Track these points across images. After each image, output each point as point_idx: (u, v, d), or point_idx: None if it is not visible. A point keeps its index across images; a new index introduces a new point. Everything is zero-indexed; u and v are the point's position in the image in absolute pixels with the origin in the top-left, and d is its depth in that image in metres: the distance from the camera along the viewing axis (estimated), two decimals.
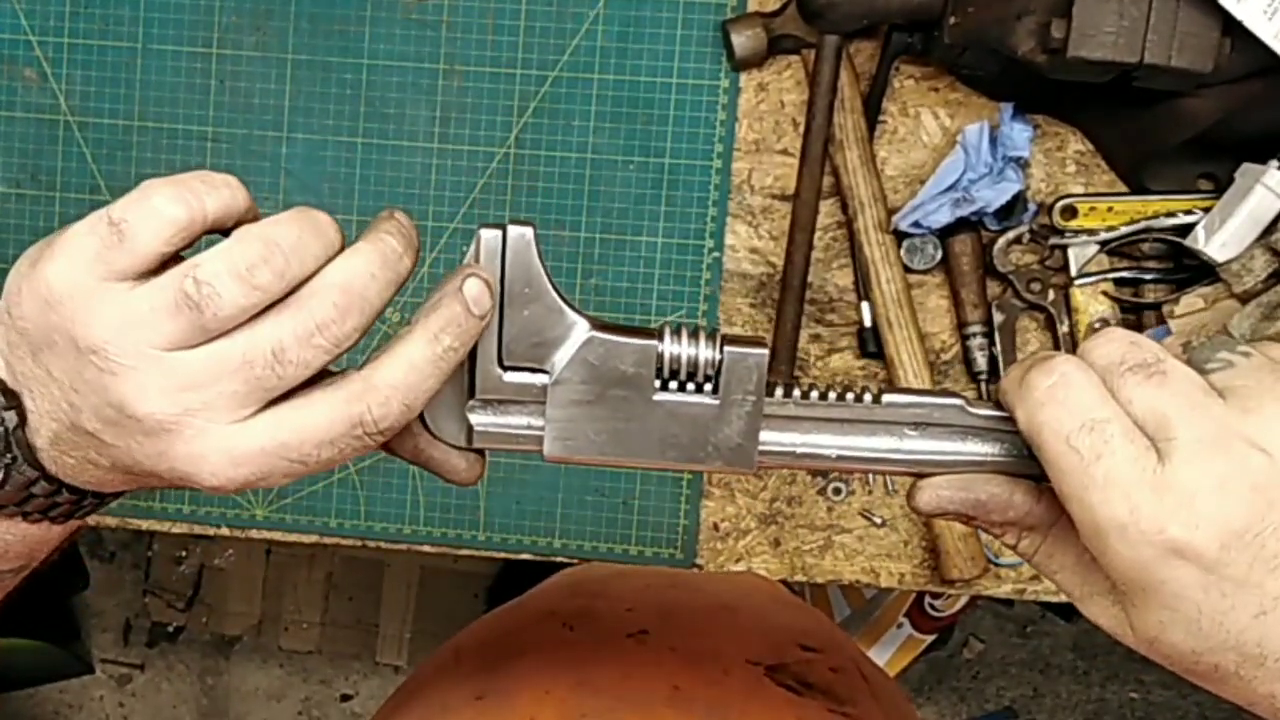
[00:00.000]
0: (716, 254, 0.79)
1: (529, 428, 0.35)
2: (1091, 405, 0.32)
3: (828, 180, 0.76)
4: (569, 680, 0.48)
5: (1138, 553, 0.31)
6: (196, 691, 1.81)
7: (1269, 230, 0.69)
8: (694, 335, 0.35)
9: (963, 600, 1.47)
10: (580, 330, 0.35)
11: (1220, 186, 0.72)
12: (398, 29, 0.79)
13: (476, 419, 0.35)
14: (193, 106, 0.80)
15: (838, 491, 0.80)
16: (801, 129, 0.76)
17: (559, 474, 0.81)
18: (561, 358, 0.35)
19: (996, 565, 0.79)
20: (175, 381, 0.33)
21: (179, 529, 0.84)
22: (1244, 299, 0.70)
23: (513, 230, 0.35)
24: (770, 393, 0.36)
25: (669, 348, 0.35)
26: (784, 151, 0.78)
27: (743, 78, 0.77)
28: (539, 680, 0.48)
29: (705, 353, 0.35)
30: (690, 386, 0.35)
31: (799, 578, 0.81)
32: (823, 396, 0.36)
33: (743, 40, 0.74)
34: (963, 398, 0.36)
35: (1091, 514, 0.31)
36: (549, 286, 0.35)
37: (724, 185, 0.78)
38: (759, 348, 0.35)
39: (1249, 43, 0.61)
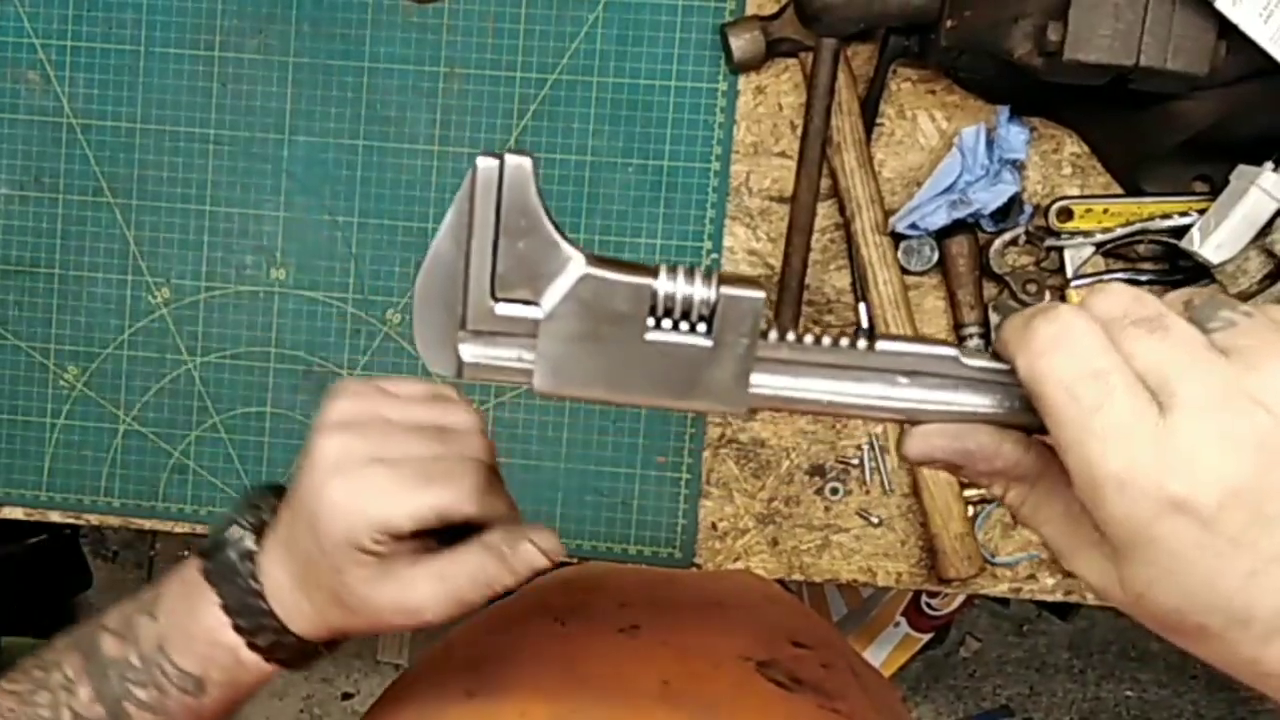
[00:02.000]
0: (715, 256, 0.79)
1: (519, 360, 0.35)
2: (1094, 355, 0.31)
3: (825, 182, 0.77)
4: (559, 675, 0.48)
5: (1135, 507, 0.30)
6: None
7: (1264, 232, 0.69)
8: (690, 275, 0.34)
9: (959, 599, 1.48)
10: (576, 265, 0.34)
11: (1215, 188, 0.73)
12: (398, 32, 0.79)
13: (466, 350, 0.35)
14: (195, 109, 0.81)
15: (835, 491, 0.80)
16: (799, 131, 0.76)
17: (559, 474, 0.82)
18: (555, 292, 0.34)
19: (993, 564, 0.80)
20: None
21: (181, 529, 0.84)
22: (1239, 300, 0.71)
23: (510, 159, 0.34)
24: (764, 336, 0.35)
25: (664, 286, 0.34)
26: (782, 154, 0.78)
27: (741, 80, 0.78)
28: (530, 676, 0.48)
29: (701, 293, 0.34)
30: (684, 326, 0.34)
31: (796, 577, 0.81)
32: (816, 341, 0.35)
33: (741, 43, 0.75)
34: (957, 348, 0.36)
35: (1089, 465, 0.31)
36: (545, 219, 0.34)
37: (722, 187, 0.79)
38: (756, 290, 0.34)
39: (1244, 45, 0.62)
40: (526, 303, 0.34)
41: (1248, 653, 0.31)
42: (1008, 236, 0.76)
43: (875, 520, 0.80)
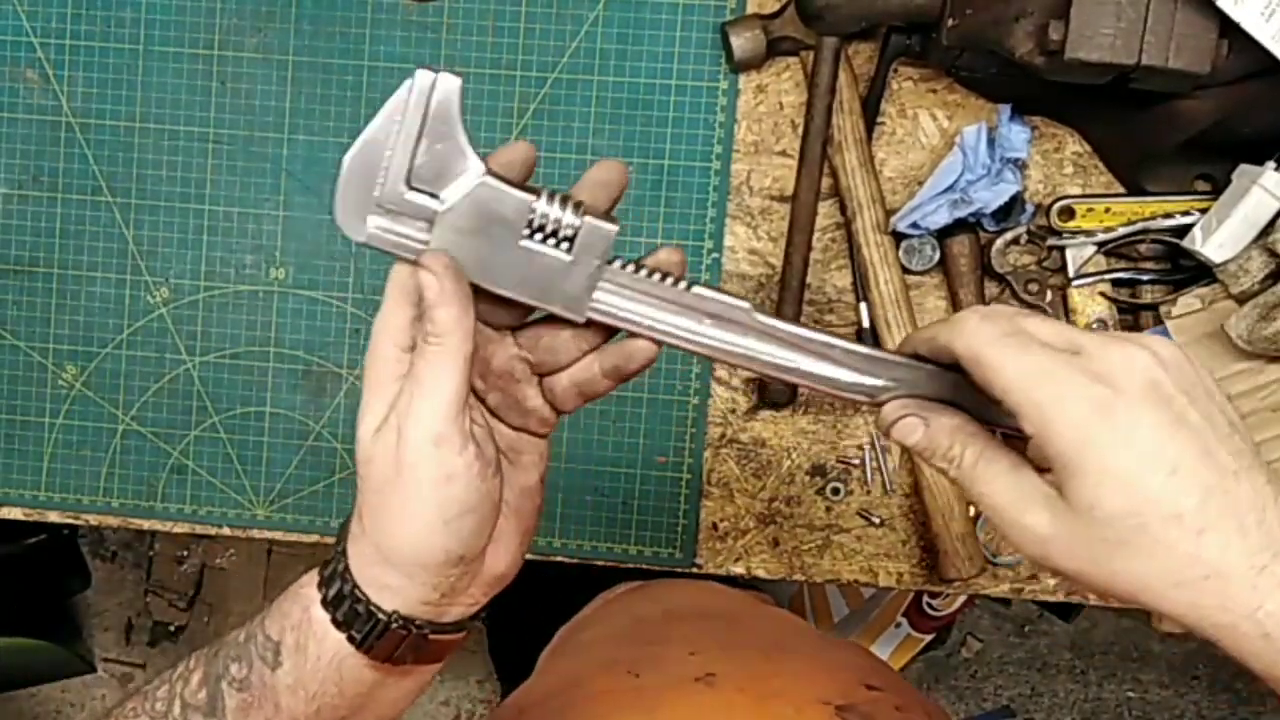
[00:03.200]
0: (715, 255, 0.79)
1: (415, 240, 0.41)
2: (1046, 336, 0.40)
3: (826, 181, 0.77)
4: None
5: (1081, 430, 0.37)
6: None
7: (1266, 231, 0.69)
8: (564, 202, 0.42)
9: (960, 599, 1.47)
10: (475, 172, 0.41)
11: (1217, 188, 0.72)
12: (398, 31, 0.79)
13: (375, 221, 0.41)
14: (194, 108, 0.81)
15: (836, 491, 0.80)
16: (800, 130, 0.76)
17: (559, 474, 0.81)
18: (456, 190, 0.41)
19: (994, 564, 0.79)
20: None
21: (180, 529, 0.84)
22: (1241, 300, 0.70)
23: (444, 76, 0.41)
24: (610, 263, 0.42)
25: (542, 206, 0.41)
26: (783, 153, 0.78)
27: (742, 79, 0.78)
28: None
29: (569, 218, 0.41)
30: (551, 242, 0.42)
31: (797, 577, 0.81)
32: (650, 275, 0.43)
33: (742, 42, 0.75)
34: (750, 303, 0.43)
35: (1062, 439, 0.37)
36: (460, 130, 0.41)
37: (723, 186, 0.79)
38: (612, 224, 0.42)
39: (1246, 44, 0.62)
40: (432, 195, 0.41)
41: (1187, 548, 0.37)
42: (1009, 236, 0.76)
43: (876, 520, 0.80)
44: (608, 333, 0.44)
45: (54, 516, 0.85)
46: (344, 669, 0.44)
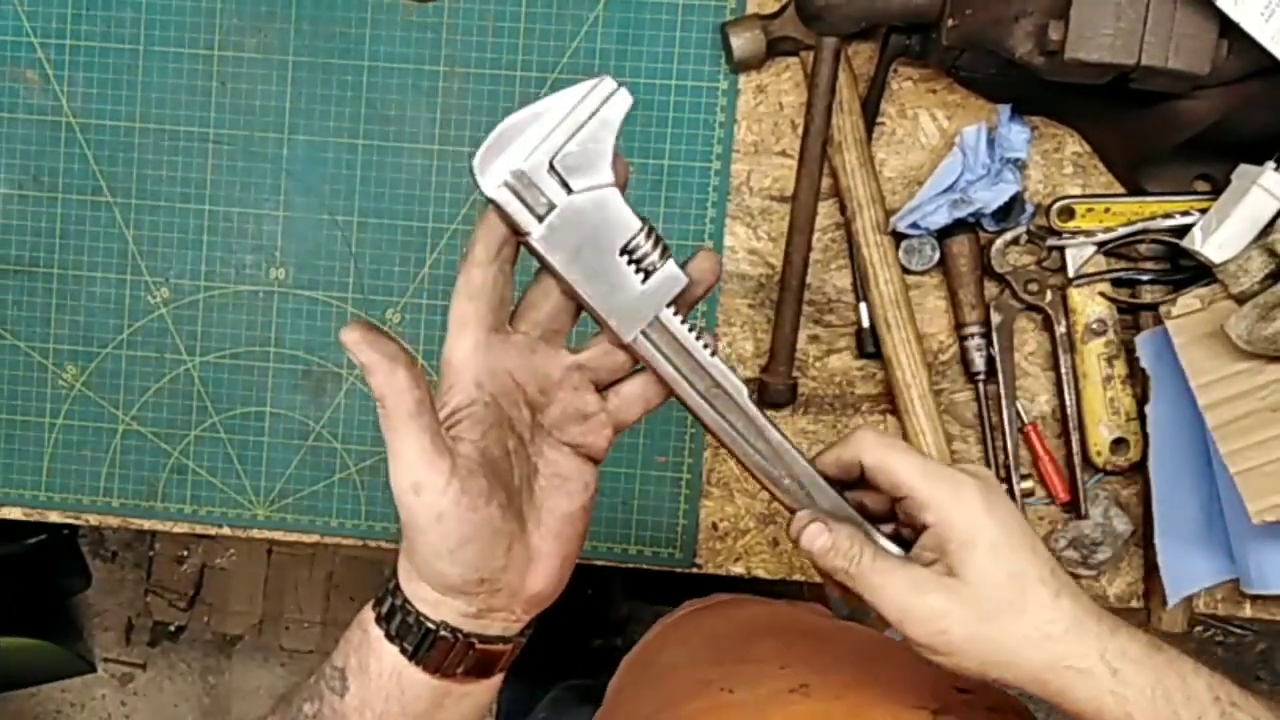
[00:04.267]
0: None
1: (531, 213, 0.44)
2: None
3: (826, 182, 0.76)
4: None
5: (974, 526, 0.47)
6: (198, 690, 1.81)
7: (1265, 231, 0.69)
8: (657, 241, 0.46)
9: None
10: (607, 181, 0.45)
11: (1217, 188, 0.72)
12: (398, 31, 0.79)
13: (507, 181, 0.44)
14: (194, 108, 0.81)
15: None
16: (800, 131, 0.76)
17: None
18: (585, 185, 0.44)
19: None
20: None
21: (180, 529, 0.84)
22: (1241, 300, 0.70)
23: (623, 92, 0.44)
24: (671, 305, 0.47)
25: (642, 237, 0.46)
26: (782, 153, 0.78)
27: (741, 79, 0.78)
28: None
29: (655, 257, 0.46)
30: (634, 268, 0.46)
31: (798, 577, 0.81)
32: (697, 338, 0.47)
33: (741, 42, 0.75)
34: (746, 389, 0.49)
35: (962, 521, 0.48)
36: (613, 142, 0.44)
37: (723, 186, 0.79)
38: (684, 277, 0.46)
39: (1246, 45, 0.62)
40: (564, 184, 0.44)
41: (1052, 606, 0.47)
42: (1009, 236, 0.76)
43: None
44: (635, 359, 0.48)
45: (54, 516, 0.85)
46: (403, 683, 0.46)
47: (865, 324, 0.77)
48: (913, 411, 0.76)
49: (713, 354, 0.48)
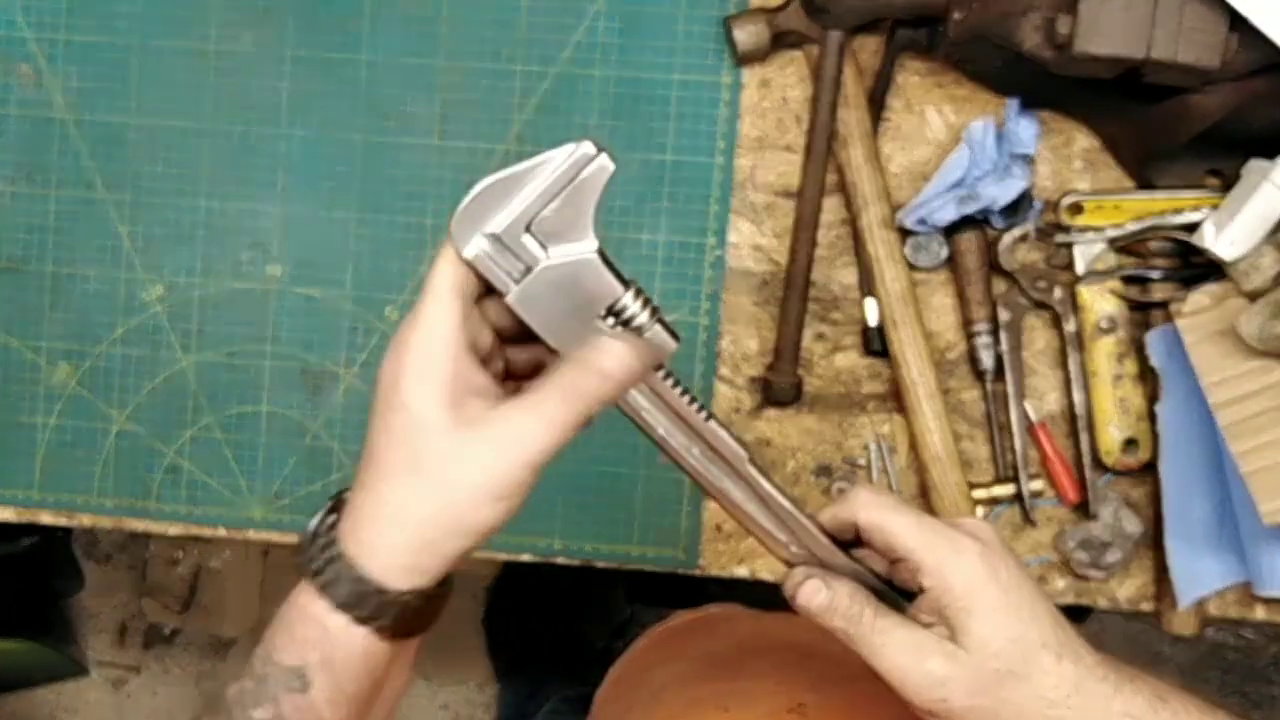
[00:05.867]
0: (719, 251, 0.78)
1: (508, 274, 0.45)
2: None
3: (831, 177, 0.76)
4: None
5: (978, 581, 0.47)
6: (192, 694, 1.80)
7: (1277, 228, 0.68)
8: (645, 303, 0.46)
9: None
10: (588, 247, 0.45)
11: (1228, 183, 0.72)
12: (397, 24, 0.78)
13: (482, 245, 0.45)
14: (190, 103, 0.80)
15: (842, 491, 0.79)
16: (805, 125, 0.75)
17: (559, 475, 0.80)
18: (564, 253, 0.45)
19: None
20: None
21: (175, 530, 0.83)
22: (1252, 297, 0.70)
23: (604, 157, 0.44)
24: (658, 369, 0.47)
25: (626, 299, 0.46)
26: (787, 148, 0.77)
27: (746, 73, 0.77)
28: None
29: (642, 318, 0.46)
30: (620, 330, 0.46)
31: None
32: (682, 395, 0.47)
33: (745, 35, 0.74)
34: (748, 454, 0.49)
35: (959, 586, 0.46)
36: (594, 208, 0.45)
37: (727, 182, 0.78)
38: (674, 341, 0.46)
39: (1256, 38, 0.61)
40: (542, 246, 0.45)
41: (1054, 671, 0.46)
42: (1017, 232, 0.75)
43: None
44: None
45: (47, 517, 0.84)
46: (372, 658, 0.46)
47: (872, 322, 0.76)
48: (920, 410, 0.75)
49: (707, 418, 0.48)
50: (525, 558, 0.82)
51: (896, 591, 0.49)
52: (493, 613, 1.58)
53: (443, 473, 0.43)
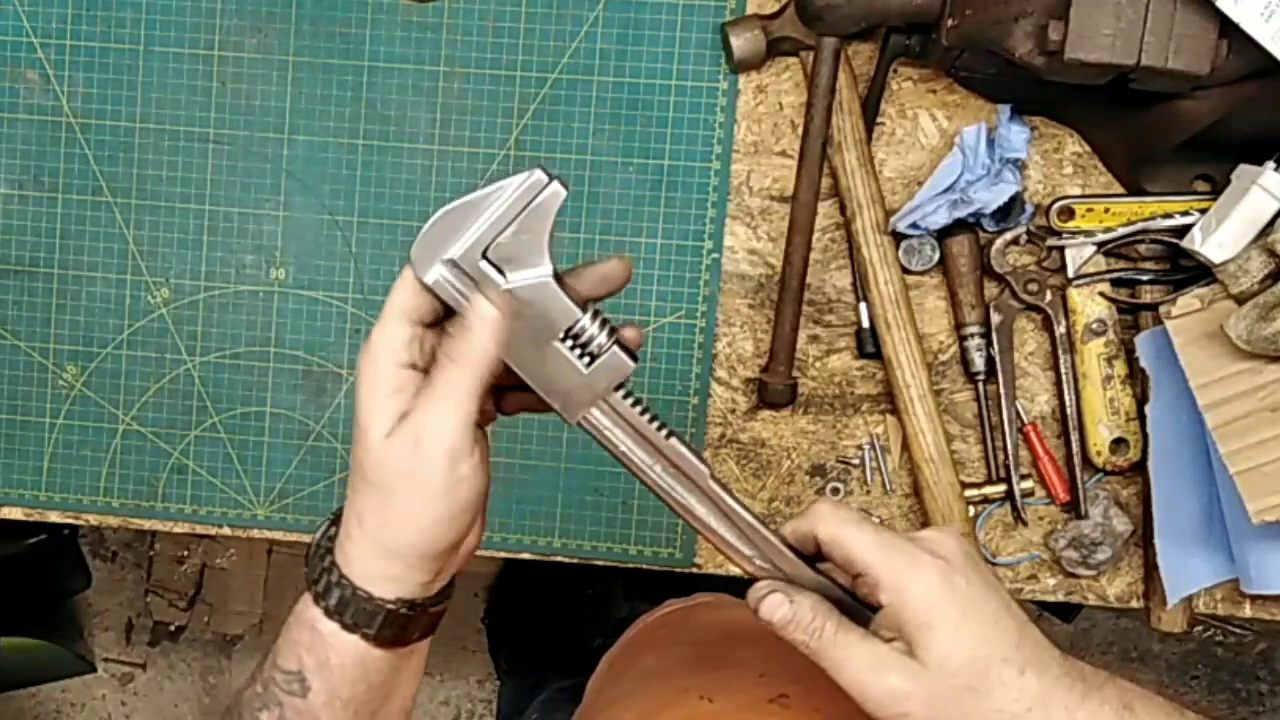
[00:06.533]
0: (715, 255, 0.79)
1: (467, 301, 0.46)
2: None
3: (826, 182, 0.77)
4: None
5: (936, 596, 0.46)
6: (198, 690, 1.81)
7: (1265, 231, 0.69)
8: (604, 324, 0.47)
9: None
10: (544, 271, 0.46)
11: (1217, 188, 0.72)
12: (398, 31, 0.79)
13: (441, 271, 0.46)
14: (194, 108, 0.81)
15: (836, 491, 0.80)
16: (800, 131, 0.76)
17: (559, 474, 0.81)
18: (521, 278, 0.46)
19: (994, 565, 0.79)
20: None
21: (181, 529, 0.84)
22: (1240, 300, 0.70)
23: (555, 185, 0.46)
24: (618, 389, 0.48)
25: (585, 321, 0.47)
26: (782, 153, 0.78)
27: (741, 80, 0.78)
28: None
29: (601, 340, 0.47)
30: (577, 352, 0.47)
31: None
32: (643, 414, 0.48)
33: (741, 42, 0.75)
34: (709, 470, 0.49)
35: (918, 602, 0.46)
36: (548, 233, 0.46)
37: (723, 187, 0.79)
38: (631, 361, 0.48)
39: (1246, 45, 0.62)
40: (499, 271, 0.46)
41: (1015, 685, 0.45)
42: (1009, 236, 0.76)
43: (876, 520, 0.80)
44: None
45: (54, 516, 0.85)
46: (367, 665, 0.47)
47: (865, 324, 0.77)
48: (912, 411, 0.76)
49: (668, 436, 0.49)
50: (525, 556, 0.83)
51: (862, 605, 0.49)
52: (493, 611, 1.59)
53: (384, 480, 0.45)
